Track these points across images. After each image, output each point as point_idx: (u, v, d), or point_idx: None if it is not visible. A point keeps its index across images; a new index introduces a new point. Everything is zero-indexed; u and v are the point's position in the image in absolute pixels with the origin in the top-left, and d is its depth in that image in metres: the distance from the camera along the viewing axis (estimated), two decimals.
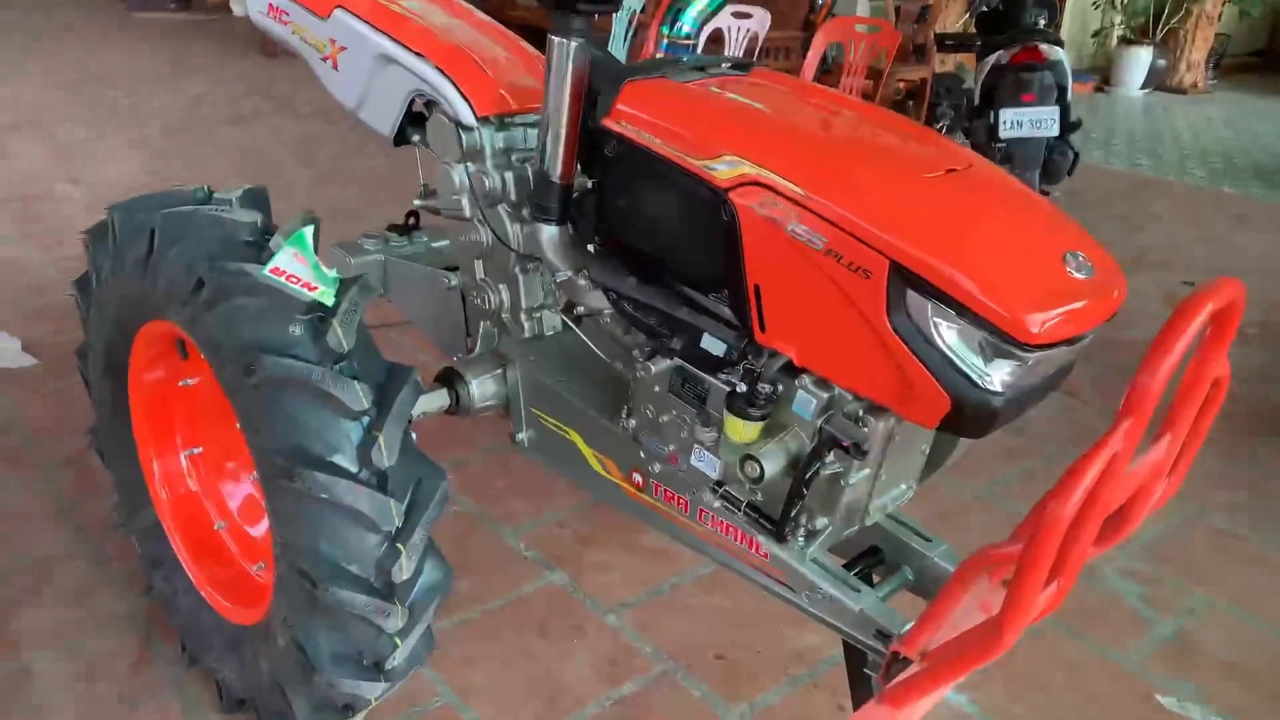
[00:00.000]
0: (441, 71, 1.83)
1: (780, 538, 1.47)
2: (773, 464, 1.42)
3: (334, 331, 1.40)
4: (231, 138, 5.52)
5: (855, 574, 1.57)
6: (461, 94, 1.81)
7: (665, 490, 1.67)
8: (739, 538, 1.58)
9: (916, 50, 6.02)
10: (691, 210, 1.44)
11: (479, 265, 1.93)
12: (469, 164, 1.84)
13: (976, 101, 4.52)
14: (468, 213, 1.89)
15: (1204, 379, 1.25)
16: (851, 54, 4.65)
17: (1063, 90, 4.33)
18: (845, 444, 1.36)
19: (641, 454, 1.67)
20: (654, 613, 2.11)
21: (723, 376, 1.50)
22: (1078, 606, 2.20)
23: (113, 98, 6.24)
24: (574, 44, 1.57)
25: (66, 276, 2.48)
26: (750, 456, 1.43)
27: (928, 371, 1.25)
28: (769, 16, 4.82)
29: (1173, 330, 1.07)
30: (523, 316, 1.91)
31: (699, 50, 1.71)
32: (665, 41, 1.71)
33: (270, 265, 1.41)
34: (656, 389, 1.60)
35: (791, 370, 1.43)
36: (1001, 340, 1.22)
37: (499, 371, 1.94)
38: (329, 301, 1.42)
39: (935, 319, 1.25)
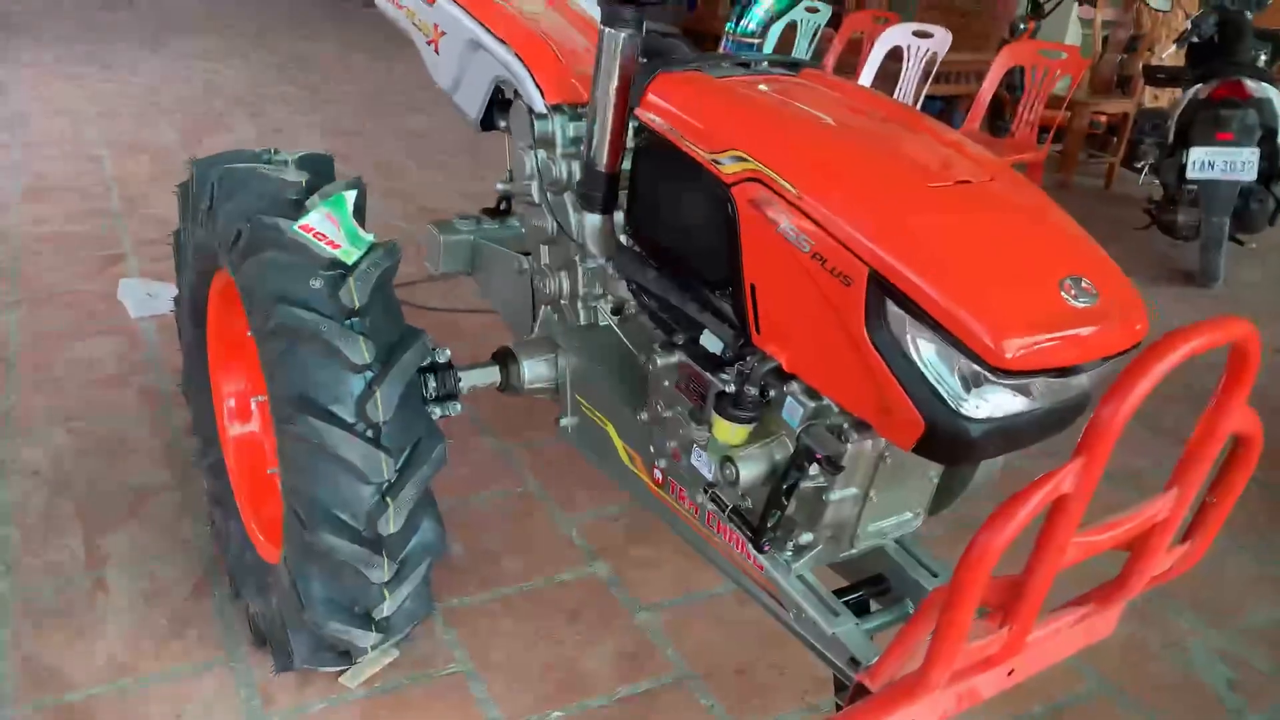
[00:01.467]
0: (519, 58, 1.89)
1: (757, 547, 1.41)
2: (750, 469, 1.37)
3: (348, 288, 1.47)
4: (415, 123, 5.87)
5: (851, 599, 1.49)
6: (534, 81, 1.86)
7: (679, 489, 1.65)
8: (739, 545, 1.54)
9: (1122, 82, 5.61)
10: (700, 204, 1.42)
11: (544, 251, 1.97)
12: (540, 151, 1.88)
13: (1170, 138, 4.17)
14: (536, 199, 1.93)
15: (1218, 432, 1.11)
16: (1032, 79, 4.41)
17: (1271, 132, 3.92)
18: (819, 456, 1.29)
19: (652, 448, 1.65)
20: (686, 616, 2.07)
21: (721, 376, 1.47)
22: (1153, 681, 1.99)
23: (314, 81, 6.79)
24: (623, 35, 1.58)
25: None
26: (729, 459, 1.39)
27: (902, 389, 1.18)
28: (950, 36, 4.64)
29: (1141, 365, 0.96)
30: (579, 304, 1.93)
31: (763, 48, 1.69)
32: (730, 39, 1.69)
33: (301, 221, 1.50)
34: (666, 383, 1.58)
35: (784, 376, 1.38)
36: (975, 363, 1.13)
37: (552, 356, 1.97)
38: (349, 260, 1.50)
39: (913, 335, 1.17)
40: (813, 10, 5.56)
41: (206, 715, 1.74)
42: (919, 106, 4.85)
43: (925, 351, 1.17)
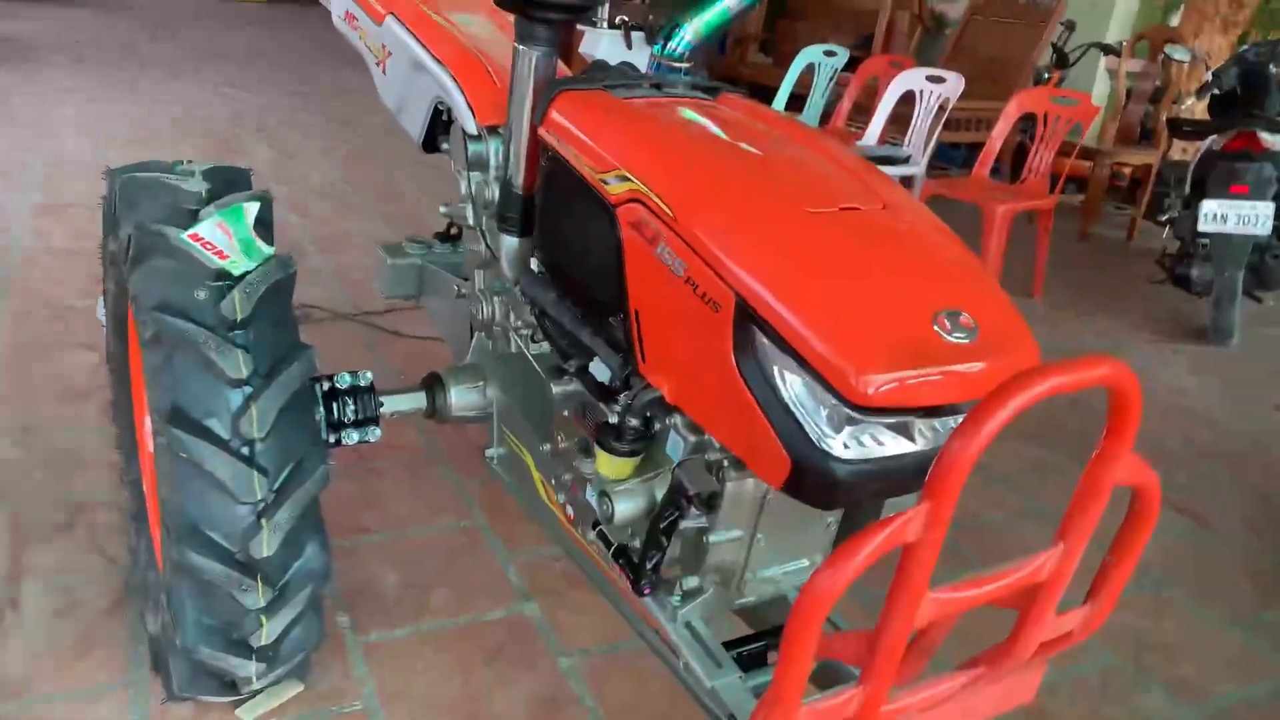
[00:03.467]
0: (454, 78, 1.85)
1: (637, 589, 1.32)
2: (626, 505, 1.29)
3: (231, 299, 1.42)
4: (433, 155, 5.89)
5: (746, 651, 1.39)
6: (467, 102, 1.82)
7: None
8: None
9: (1147, 133, 5.48)
10: (591, 225, 1.36)
11: (478, 275, 1.91)
12: (474, 173, 1.84)
13: (1187, 190, 4.04)
14: (471, 222, 1.88)
15: (1101, 485, 1.01)
16: (1043, 127, 4.30)
17: None
18: (690, 494, 1.20)
19: (553, 481, 1.57)
20: (611, 665, 1.96)
21: (613, 406, 1.39)
22: None
23: (341, 110, 6.86)
24: (536, 53, 1.53)
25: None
26: (606, 493, 1.31)
27: (769, 424, 1.09)
28: (962, 82, 4.56)
29: (992, 403, 0.87)
30: (506, 330, 1.87)
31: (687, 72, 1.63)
32: (654, 61, 1.64)
33: (190, 230, 1.46)
34: (564, 412, 1.51)
35: (668, 408, 1.30)
36: (836, 399, 1.04)
37: (481, 384, 1.91)
38: (237, 271, 1.45)
39: (779, 367, 1.09)
40: (830, 54, 5.53)
41: None
42: (933, 151, 4.77)
43: (792, 385, 1.08)
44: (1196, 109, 5.40)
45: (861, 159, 1.37)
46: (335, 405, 1.80)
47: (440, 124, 2.02)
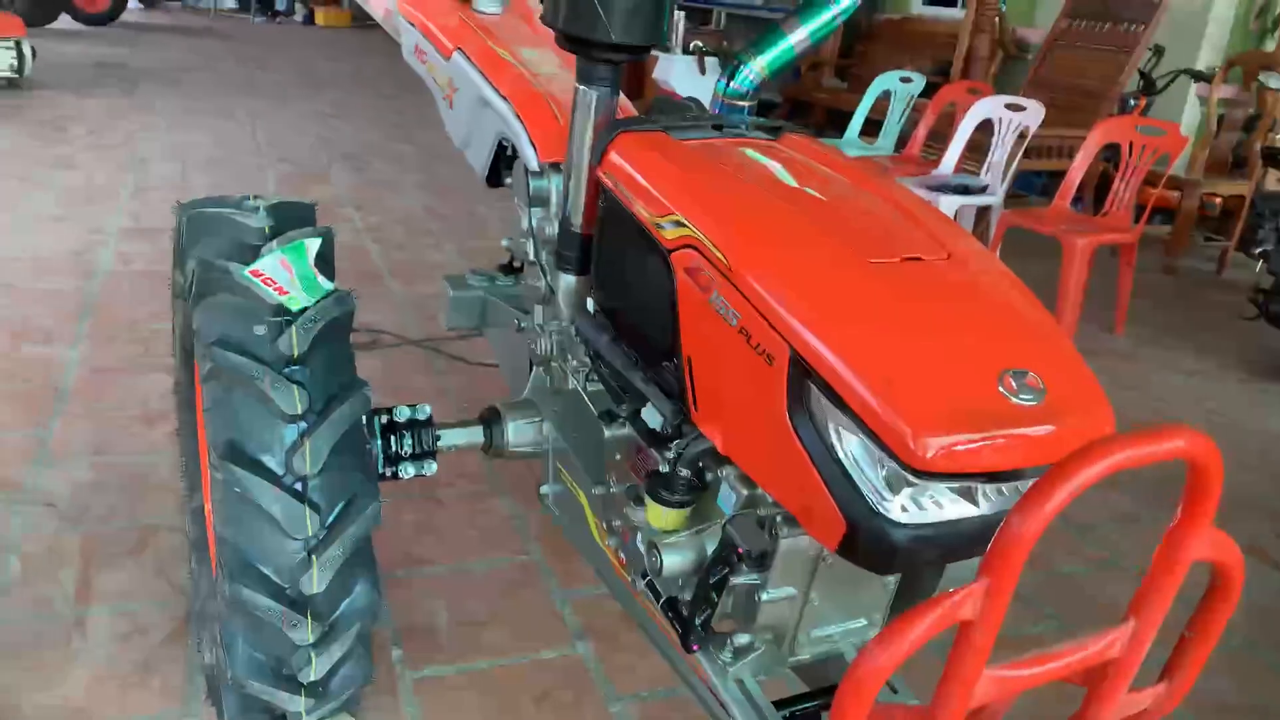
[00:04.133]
0: (518, 115, 1.85)
1: (685, 645, 1.28)
2: (675, 558, 1.25)
3: (288, 336, 1.43)
4: None
5: (799, 710, 1.34)
6: (529, 138, 1.82)
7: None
8: None
9: (1239, 163, 5.26)
10: (646, 269, 1.33)
11: (538, 310, 1.90)
12: (535, 208, 1.83)
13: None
14: (531, 257, 1.88)
15: (1178, 559, 0.95)
16: (1128, 157, 4.16)
17: None
18: (741, 550, 1.16)
19: (605, 525, 1.54)
20: (663, 713, 1.92)
21: (664, 454, 1.36)
22: None
23: (432, 141, 6.97)
24: (596, 93, 1.52)
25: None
26: (655, 545, 1.27)
27: (824, 484, 1.05)
28: (1043, 110, 4.44)
29: (1056, 476, 0.82)
30: (565, 368, 1.85)
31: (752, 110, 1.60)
32: (719, 100, 1.61)
33: (251, 266, 1.48)
34: (617, 456, 1.48)
35: (721, 459, 1.26)
36: (893, 461, 0.99)
37: (538, 419, 1.89)
38: (296, 307, 1.46)
39: (835, 425, 1.04)
40: (906, 81, 5.45)
41: None
42: (1012, 180, 4.65)
43: (848, 444, 1.04)
44: None
45: (928, 204, 1.32)
46: (393, 439, 1.80)
47: (504, 159, 2.02)
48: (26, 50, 7.18)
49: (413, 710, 1.87)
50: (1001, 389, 0.99)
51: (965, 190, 4.48)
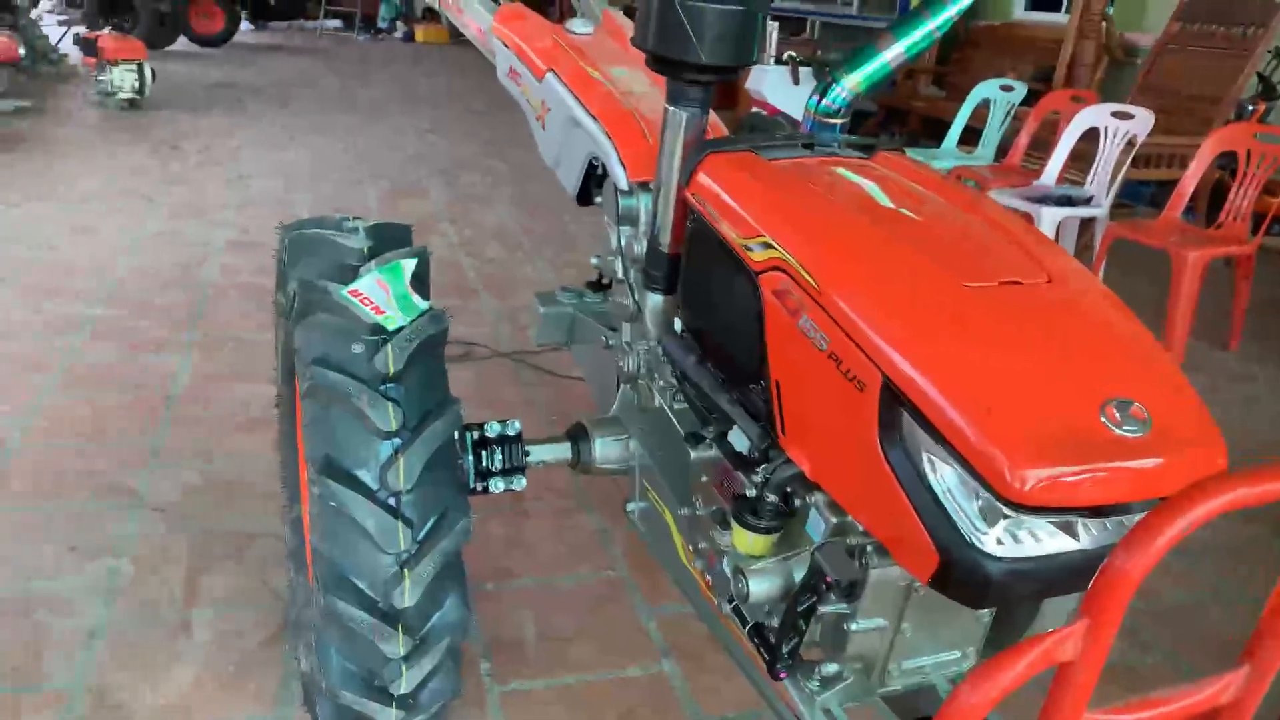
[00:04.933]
0: (608, 134, 1.86)
1: (773, 673, 1.26)
2: (761, 585, 1.24)
3: (385, 354, 1.46)
4: None
5: None
6: (619, 158, 1.82)
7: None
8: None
9: None
10: (733, 291, 1.32)
11: (626, 328, 1.91)
12: (624, 227, 1.84)
13: None
14: (620, 275, 1.89)
15: None
16: (1245, 166, 3.96)
17: None
18: (829, 580, 1.14)
19: (691, 547, 1.53)
20: None
21: (752, 477, 1.34)
22: None
23: (522, 157, 7.06)
24: (686, 113, 1.52)
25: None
26: (741, 570, 1.26)
27: (916, 514, 1.02)
28: (1151, 118, 4.27)
29: (1165, 513, 0.78)
30: (652, 387, 1.85)
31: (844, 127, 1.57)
32: (810, 118, 1.59)
33: (351, 286, 1.52)
34: (703, 478, 1.47)
35: (810, 485, 1.24)
36: (989, 494, 0.96)
37: (625, 436, 1.90)
38: (392, 326, 1.49)
39: (928, 454, 1.01)
40: (1006, 89, 5.31)
41: None
42: (1118, 191, 4.48)
43: (942, 475, 1.01)
44: None
45: (1028, 225, 1.27)
46: (484, 454, 1.83)
47: (595, 178, 2.04)
48: (148, 73, 7.56)
49: None
50: (1104, 419, 0.95)
51: (1069, 201, 4.34)
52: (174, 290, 3.97)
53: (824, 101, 1.57)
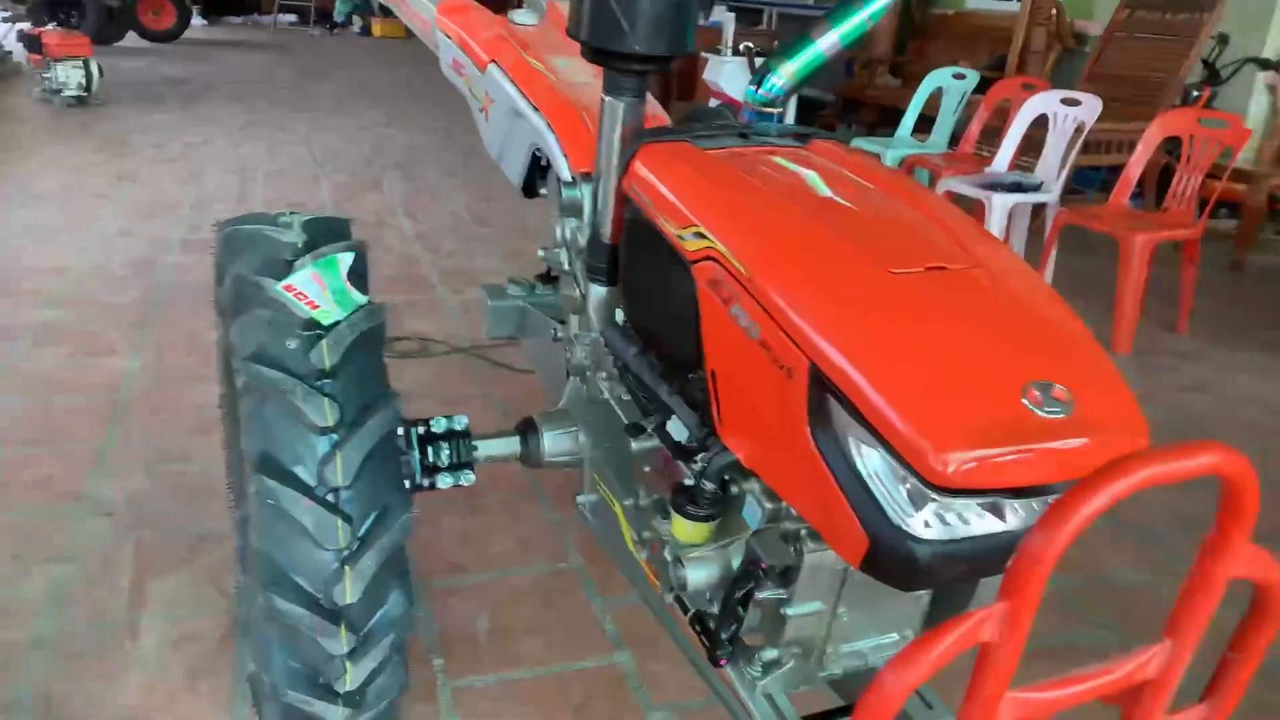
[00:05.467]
0: (550, 126, 1.85)
1: (713, 659, 1.27)
2: (698, 573, 1.24)
3: (320, 349, 1.45)
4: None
5: None
6: (561, 149, 1.82)
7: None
8: None
9: None
10: (669, 281, 1.32)
11: (573, 321, 1.91)
12: (569, 219, 1.83)
13: None
14: (566, 267, 1.88)
15: (1214, 577, 0.91)
16: (1188, 151, 4.03)
17: None
18: (764, 565, 1.15)
19: (636, 538, 1.54)
20: None
21: (692, 466, 1.34)
22: None
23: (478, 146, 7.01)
24: (622, 103, 1.51)
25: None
26: (679, 559, 1.26)
27: (844, 498, 1.03)
28: (1099, 104, 4.33)
29: (1080, 494, 0.79)
30: (597, 379, 1.85)
31: (783, 117, 1.58)
32: (748, 108, 1.59)
33: (285, 281, 1.50)
34: (645, 468, 1.47)
35: (746, 473, 1.25)
36: (914, 477, 0.97)
37: (574, 429, 1.89)
38: (327, 320, 1.48)
39: (854, 439, 1.02)
40: (959, 77, 5.36)
41: None
42: (1068, 176, 4.54)
43: (869, 459, 1.02)
44: None
45: (959, 211, 1.28)
46: (430, 449, 1.82)
47: (540, 169, 2.03)
48: (94, 69, 7.43)
49: (452, 719, 1.88)
50: (1026, 401, 0.96)
51: (1019, 188, 4.39)
52: (126, 290, 3.91)
53: (760, 91, 1.57)
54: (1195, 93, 5.27)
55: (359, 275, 1.60)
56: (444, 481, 1.83)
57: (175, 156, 6.24)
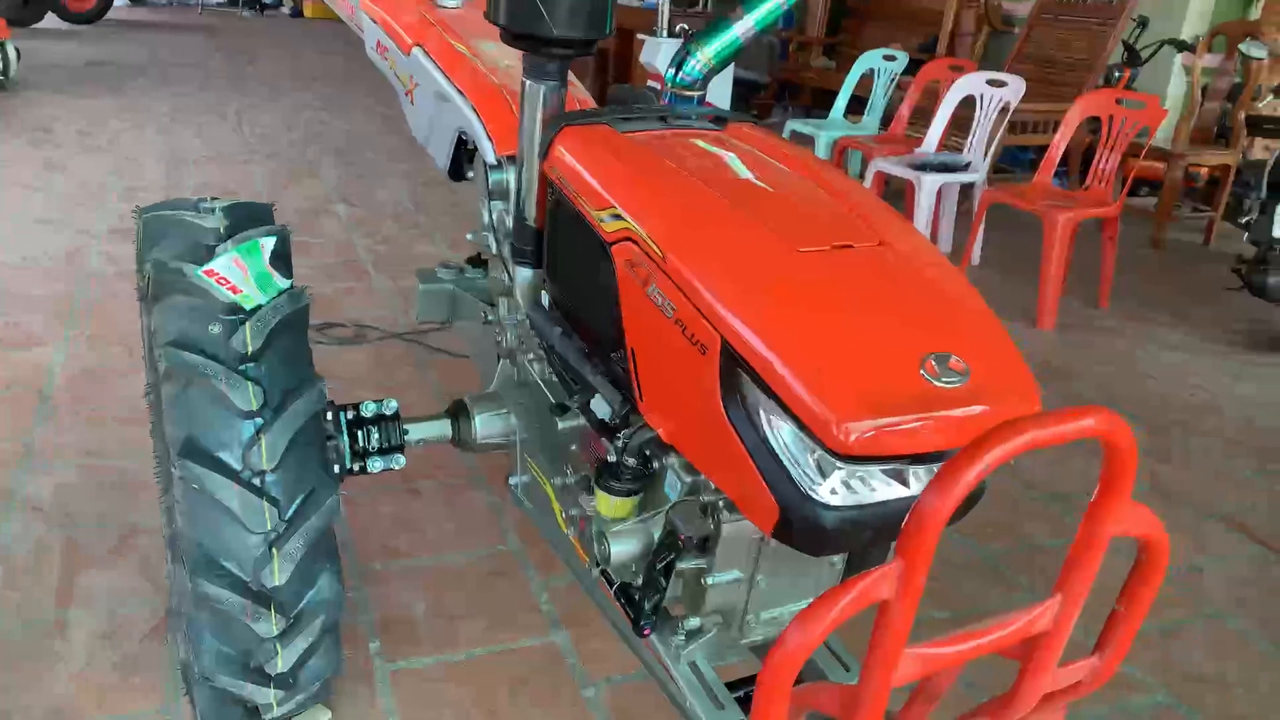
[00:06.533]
0: (474, 109, 1.86)
1: (637, 629, 1.30)
2: (621, 546, 1.28)
3: (242, 333, 1.45)
4: None
5: (750, 691, 1.36)
6: (486, 132, 1.83)
7: None
8: None
9: (1224, 133, 5.25)
10: (590, 263, 1.35)
11: (502, 303, 1.92)
12: (496, 202, 1.84)
13: (1263, 193, 3.85)
14: (494, 250, 1.89)
15: (1099, 535, 0.96)
16: (1107, 130, 4.14)
17: None
18: (684, 536, 1.18)
19: (565, 515, 1.56)
20: (636, 695, 1.94)
21: (615, 443, 1.37)
22: None
23: None
24: (543, 87, 1.53)
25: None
26: (602, 534, 1.29)
27: (756, 469, 1.07)
28: (1023, 86, 4.43)
29: (967, 456, 0.83)
30: (525, 360, 1.87)
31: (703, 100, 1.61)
32: (668, 91, 1.62)
33: (206, 266, 1.49)
34: (572, 447, 1.50)
35: (666, 448, 1.28)
36: (819, 447, 1.01)
37: (505, 411, 1.91)
38: (248, 305, 1.48)
39: (764, 412, 1.06)
40: (890, 59, 5.44)
41: None
42: (997, 155, 4.64)
43: (778, 431, 1.05)
44: (1278, 107, 5.17)
45: (868, 191, 1.33)
46: (360, 434, 1.82)
47: (466, 153, 2.04)
48: (11, 52, 7.19)
49: (388, 701, 1.89)
50: (924, 372, 1.01)
51: (947, 168, 4.48)
52: (53, 282, 3.82)
53: (680, 74, 1.59)
54: (1117, 74, 5.42)
55: (282, 259, 1.60)
56: (375, 465, 1.83)
57: (103, 144, 6.08)
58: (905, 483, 1.06)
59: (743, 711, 1.29)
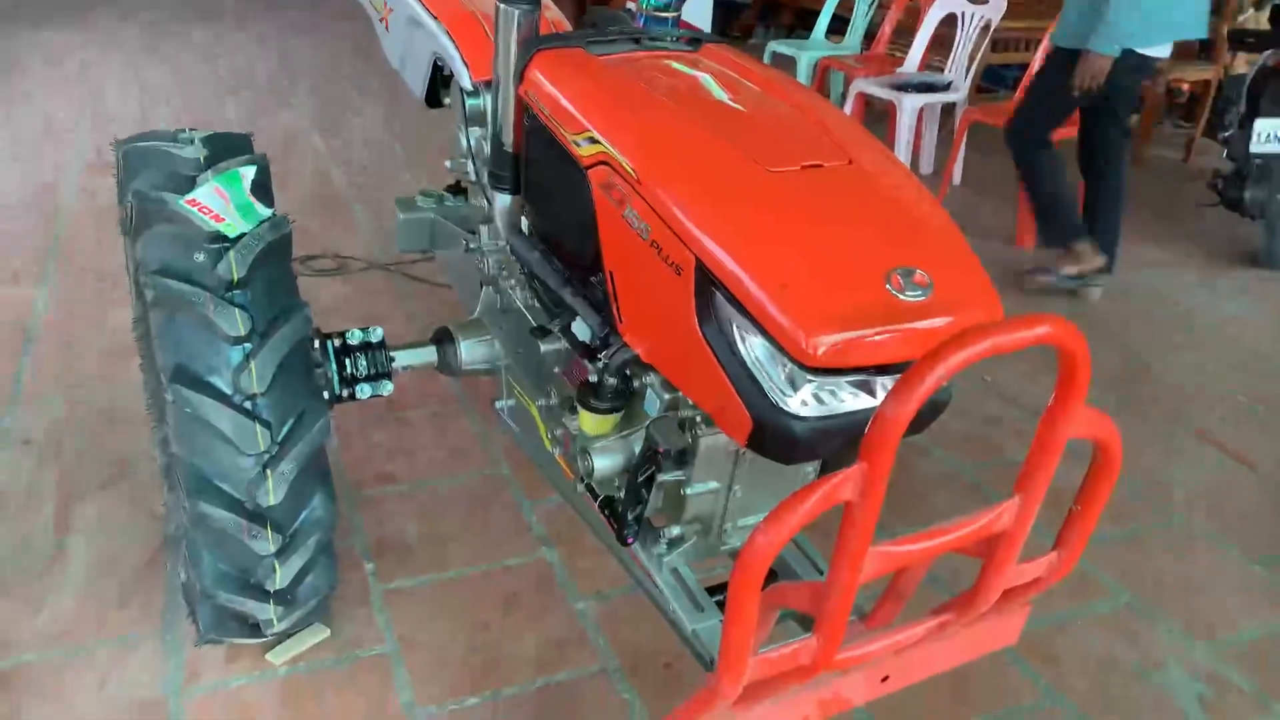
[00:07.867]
0: (449, 35, 1.85)
1: (621, 539, 1.36)
2: (603, 461, 1.32)
3: (228, 261, 1.47)
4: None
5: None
6: (462, 58, 1.82)
7: None
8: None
9: (1205, 47, 5.23)
10: (567, 187, 1.37)
11: (483, 230, 1.94)
12: (473, 128, 1.85)
13: (1242, 109, 3.86)
14: (473, 176, 1.90)
15: (1055, 437, 1.01)
16: None
17: None
18: (663, 450, 1.23)
19: (549, 435, 1.61)
20: (624, 609, 2.01)
21: (596, 364, 1.41)
22: (1120, 693, 1.85)
23: None
24: (517, 10, 1.53)
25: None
26: (586, 450, 1.34)
27: (730, 383, 1.11)
28: (1004, 3, 4.39)
29: (927, 363, 0.87)
30: (508, 285, 1.90)
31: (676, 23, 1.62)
32: (642, 14, 1.62)
33: (188, 196, 1.51)
34: (555, 369, 1.54)
35: (645, 367, 1.32)
36: (789, 360, 1.05)
37: (489, 337, 1.94)
38: (233, 233, 1.49)
39: (737, 328, 1.10)
40: None
41: (129, 686, 1.78)
42: (977, 76, 4.61)
43: (750, 346, 1.09)
44: (1261, 20, 5.14)
45: (839, 111, 1.35)
46: (347, 361, 1.85)
47: (442, 79, 2.03)
48: None
49: (384, 618, 1.96)
50: (889, 286, 1.04)
51: (929, 88, 4.46)
52: (28, 217, 3.79)
53: None
54: None
55: (263, 188, 1.62)
56: (363, 392, 1.87)
57: (70, 76, 5.96)
58: (873, 393, 1.10)
59: (721, 613, 1.36)
